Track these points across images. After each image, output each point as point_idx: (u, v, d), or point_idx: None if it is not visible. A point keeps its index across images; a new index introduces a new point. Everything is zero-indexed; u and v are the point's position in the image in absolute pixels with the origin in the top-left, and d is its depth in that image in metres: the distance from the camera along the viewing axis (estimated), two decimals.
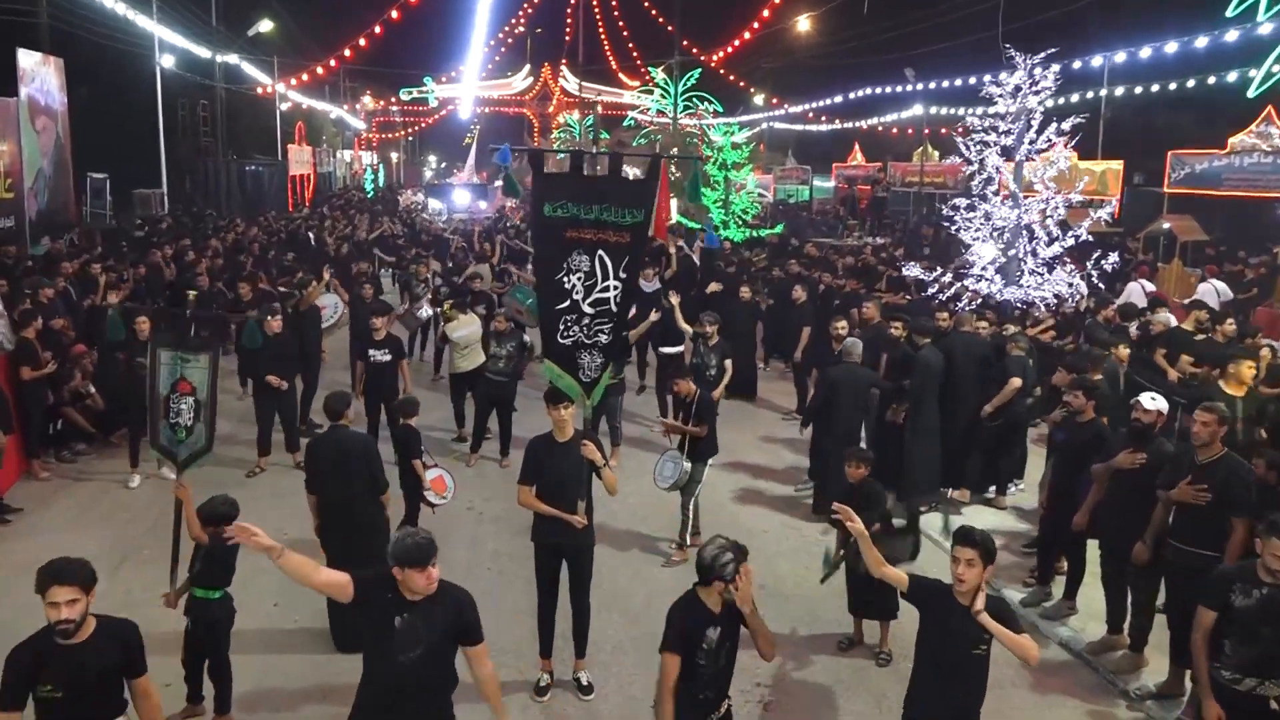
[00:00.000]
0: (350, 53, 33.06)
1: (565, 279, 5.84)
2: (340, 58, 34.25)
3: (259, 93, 36.34)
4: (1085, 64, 21.43)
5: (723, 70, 39.72)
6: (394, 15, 27.68)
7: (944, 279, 12.10)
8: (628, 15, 50.10)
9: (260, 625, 6.59)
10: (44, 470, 9.56)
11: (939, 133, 35.81)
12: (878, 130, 40.84)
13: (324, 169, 47.04)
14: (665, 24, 38.10)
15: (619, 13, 50.94)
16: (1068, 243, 11.45)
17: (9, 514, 8.50)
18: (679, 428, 7.91)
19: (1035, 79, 11.34)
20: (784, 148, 45.34)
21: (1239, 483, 5.50)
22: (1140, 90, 24.51)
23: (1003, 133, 11.59)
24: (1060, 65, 11.66)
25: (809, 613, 7.12)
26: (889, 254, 18.92)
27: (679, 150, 23.82)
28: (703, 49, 36.03)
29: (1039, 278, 11.47)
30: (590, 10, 47.20)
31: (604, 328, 5.86)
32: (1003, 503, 9.15)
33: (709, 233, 12.24)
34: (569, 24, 50.42)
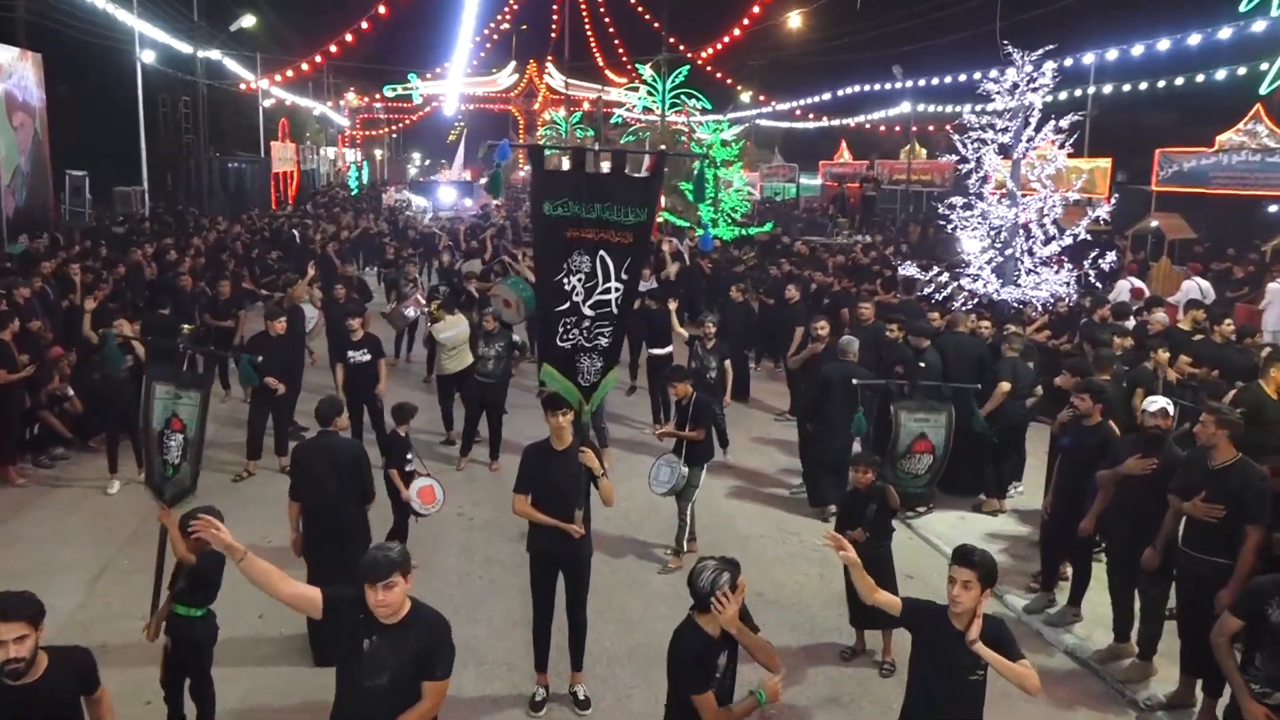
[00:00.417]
0: (335, 48, 32.70)
1: (565, 280, 5.66)
2: (324, 53, 33.82)
3: (242, 89, 35.92)
4: (1076, 61, 21.35)
5: (710, 67, 39.57)
6: (380, 10, 27.30)
7: (940, 279, 12.00)
8: (614, 12, 49.86)
9: (244, 637, 6.38)
10: (20, 477, 9.29)
11: (926, 130, 35.80)
12: (865, 128, 40.77)
13: (307, 166, 46.63)
14: (652, 21, 37.87)
15: (605, 9, 50.68)
16: (1065, 242, 11.37)
17: None
18: (676, 433, 7.76)
19: (1034, 75, 11.25)
20: (771, 145, 45.24)
21: (1253, 489, 5.37)
22: (1128, 88, 24.49)
23: (1000, 130, 11.49)
24: (1054, 63, 11.59)
25: (808, 621, 6.98)
26: (879, 252, 18.85)
27: (667, 148, 23.67)
28: (690, 46, 35.86)
29: (1036, 277, 11.38)
30: (576, 7, 46.93)
31: (604, 331, 5.68)
32: (1002, 506, 9.02)
33: (702, 234, 12.08)
34: (555, 20, 50.18)
